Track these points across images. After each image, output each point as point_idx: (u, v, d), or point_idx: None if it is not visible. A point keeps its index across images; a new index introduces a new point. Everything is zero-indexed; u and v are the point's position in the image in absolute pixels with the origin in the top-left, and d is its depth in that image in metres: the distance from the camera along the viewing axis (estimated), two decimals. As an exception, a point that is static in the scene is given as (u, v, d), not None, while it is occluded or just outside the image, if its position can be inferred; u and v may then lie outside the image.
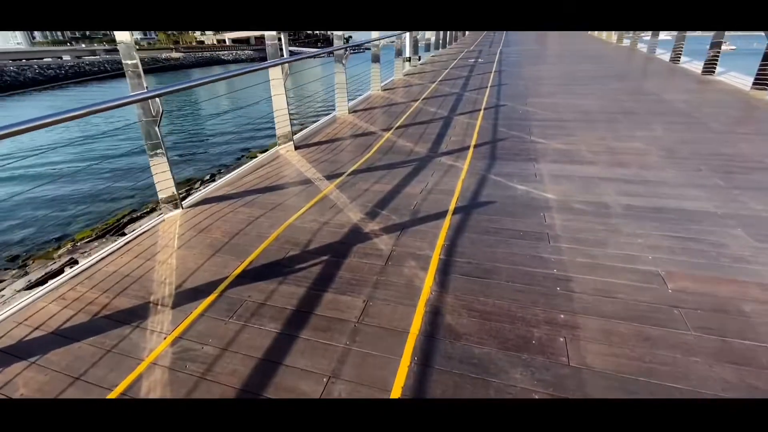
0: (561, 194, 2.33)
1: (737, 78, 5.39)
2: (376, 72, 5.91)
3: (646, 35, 12.09)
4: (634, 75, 6.46)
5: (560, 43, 12.58)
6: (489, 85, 5.81)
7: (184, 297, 1.59)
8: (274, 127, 3.59)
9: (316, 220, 2.15)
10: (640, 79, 6.04)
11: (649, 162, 2.78)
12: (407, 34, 7.96)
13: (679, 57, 7.08)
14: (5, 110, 24.77)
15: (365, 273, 1.67)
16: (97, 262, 1.89)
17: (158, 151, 2.17)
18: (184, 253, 1.91)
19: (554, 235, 1.89)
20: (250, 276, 1.70)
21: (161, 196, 2.30)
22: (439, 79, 6.69)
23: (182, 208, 2.35)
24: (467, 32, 17.27)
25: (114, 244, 2.02)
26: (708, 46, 5.95)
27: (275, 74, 3.30)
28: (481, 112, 4.33)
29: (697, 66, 6.41)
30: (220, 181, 2.83)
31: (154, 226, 2.21)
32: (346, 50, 4.55)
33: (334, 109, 4.79)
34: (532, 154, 3.05)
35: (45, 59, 66.69)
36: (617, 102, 4.50)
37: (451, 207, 2.23)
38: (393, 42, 7.10)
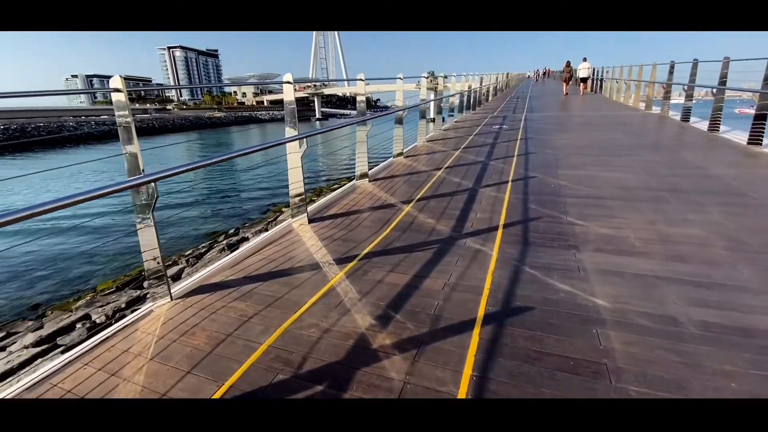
0: (614, 300, 1.92)
1: (791, 151, 4.97)
2: (399, 136, 5.88)
3: (678, 99, 11.47)
4: (671, 145, 6.14)
5: (585, 109, 12.60)
6: (516, 153, 5.62)
7: (137, 442, 1.25)
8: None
9: (317, 325, 1.82)
10: (678, 149, 5.69)
11: (715, 256, 2.36)
12: (432, 102, 8.10)
13: (718, 125, 6.75)
14: (58, 161, 27.01)
15: None
16: (58, 370, 1.60)
17: (150, 237, 1.97)
18: (156, 367, 1.59)
19: (615, 368, 1.47)
20: (225, 411, 1.35)
21: (149, 285, 2.05)
22: (463, 146, 6.59)
23: (171, 298, 2.09)
24: (491, 97, 17.78)
25: (83, 346, 1.75)
26: (736, 110, 5.62)
27: (292, 148, 3.20)
28: (509, 185, 4.06)
29: (738, 136, 6.04)
30: (222, 262, 2.59)
31: (136, 321, 1.94)
32: (370, 118, 4.52)
33: (354, 174, 4.67)
34: (571, 239, 2.68)
35: (102, 116, 74.16)
36: (659, 177, 4.14)
37: (480, 313, 1.86)
38: (418, 105, 7.19)
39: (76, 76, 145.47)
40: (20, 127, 51.53)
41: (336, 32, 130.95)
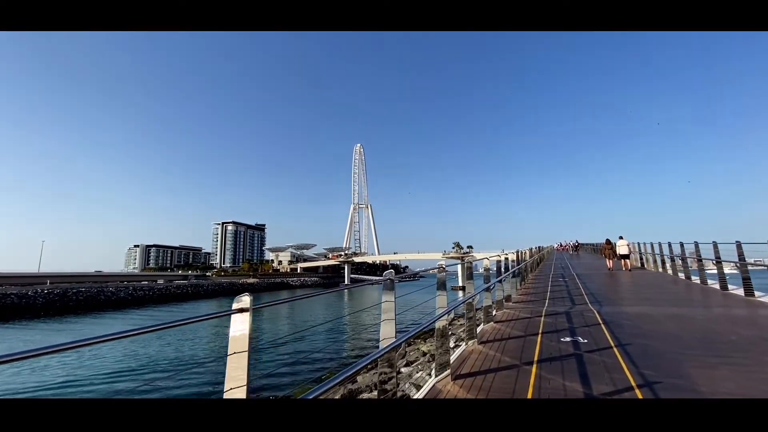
0: None
1: None
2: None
3: (733, 269, 9.53)
4: None
5: (662, 296, 9.42)
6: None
7: None
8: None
9: None
10: None
11: None
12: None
13: None
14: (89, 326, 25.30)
15: None
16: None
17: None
18: None
19: None
20: None
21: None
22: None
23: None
24: (529, 275, 15.11)
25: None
26: None
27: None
28: None
29: None
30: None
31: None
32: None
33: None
34: None
35: (142, 282, 77.54)
36: None
37: None
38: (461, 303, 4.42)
39: (137, 246, 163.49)
40: (62, 291, 53.37)
41: (370, 210, 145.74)
